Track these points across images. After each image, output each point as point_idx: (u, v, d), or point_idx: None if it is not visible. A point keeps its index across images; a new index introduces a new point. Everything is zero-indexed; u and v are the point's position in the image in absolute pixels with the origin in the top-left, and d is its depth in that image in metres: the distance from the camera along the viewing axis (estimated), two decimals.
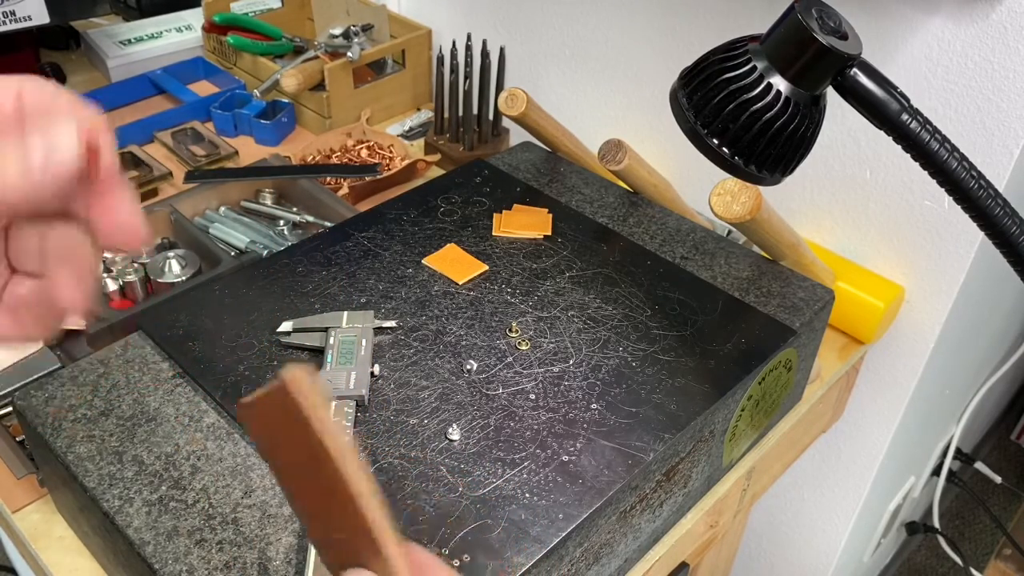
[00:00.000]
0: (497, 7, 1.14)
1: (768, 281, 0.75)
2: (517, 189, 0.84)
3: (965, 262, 0.85)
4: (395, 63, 1.21)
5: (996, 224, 0.52)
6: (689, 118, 0.56)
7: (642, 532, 0.65)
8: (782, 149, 0.55)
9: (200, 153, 1.08)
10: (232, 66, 1.23)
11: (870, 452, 1.06)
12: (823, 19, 0.51)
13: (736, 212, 0.68)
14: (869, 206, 0.89)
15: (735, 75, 0.54)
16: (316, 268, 0.73)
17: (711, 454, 0.68)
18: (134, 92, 1.19)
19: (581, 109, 1.12)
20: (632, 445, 0.59)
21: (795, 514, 1.20)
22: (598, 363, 0.65)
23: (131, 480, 0.56)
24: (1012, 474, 1.85)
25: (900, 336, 0.93)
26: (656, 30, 0.98)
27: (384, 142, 1.10)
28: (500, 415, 0.61)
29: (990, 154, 0.79)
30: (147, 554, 0.52)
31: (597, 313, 0.70)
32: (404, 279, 0.72)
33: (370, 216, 0.80)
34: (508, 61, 1.06)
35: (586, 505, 0.55)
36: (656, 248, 0.77)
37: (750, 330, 0.69)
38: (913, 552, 1.73)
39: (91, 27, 1.29)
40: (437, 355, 0.65)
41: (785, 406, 0.79)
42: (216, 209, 0.97)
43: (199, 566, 0.52)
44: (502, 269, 0.74)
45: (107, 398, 0.61)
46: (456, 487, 0.56)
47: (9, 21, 1.01)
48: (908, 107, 0.52)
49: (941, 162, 0.52)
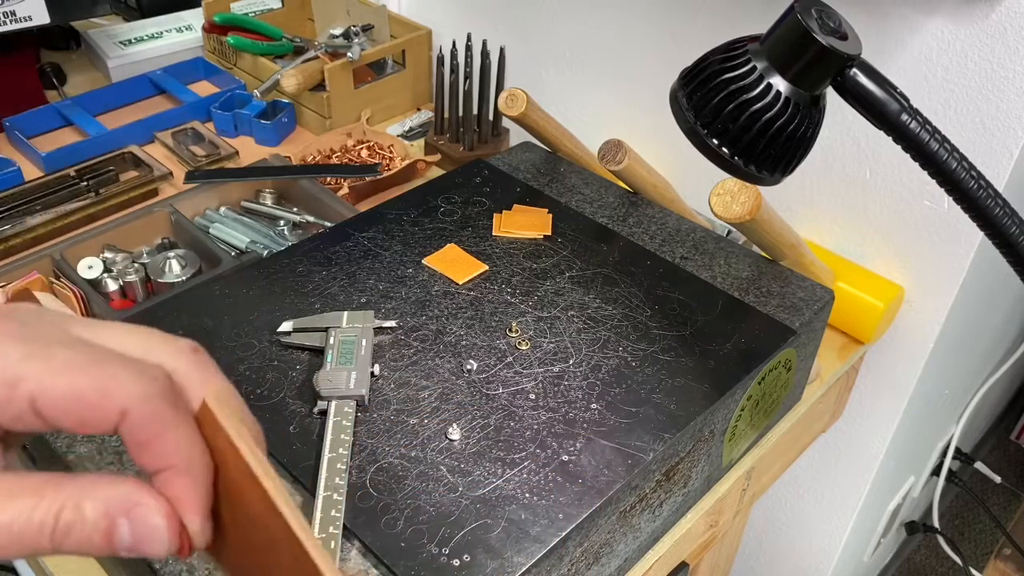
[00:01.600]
0: (497, 7, 1.14)
1: (768, 281, 0.75)
2: (517, 189, 0.84)
3: (965, 262, 0.85)
4: (395, 63, 1.21)
5: (996, 224, 0.52)
6: (689, 118, 0.56)
7: (642, 532, 0.65)
8: (782, 149, 0.55)
9: (200, 153, 1.08)
10: (232, 66, 1.23)
11: (870, 452, 1.06)
12: (823, 19, 0.51)
13: (736, 212, 0.68)
14: (869, 206, 0.89)
15: (735, 75, 0.54)
16: (316, 268, 0.73)
17: (711, 454, 0.68)
18: (134, 92, 1.19)
19: (581, 109, 1.12)
20: (632, 445, 0.59)
21: (795, 514, 1.20)
22: (598, 363, 0.65)
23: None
24: (1012, 474, 1.85)
25: (900, 336, 0.93)
26: (656, 30, 0.98)
27: (384, 142, 1.10)
28: (500, 415, 0.61)
29: (990, 154, 0.79)
30: None
31: (597, 313, 0.70)
32: (404, 279, 0.72)
33: (370, 216, 0.80)
34: (508, 61, 1.06)
35: (586, 505, 0.55)
36: (656, 248, 0.77)
37: (750, 330, 0.69)
38: (913, 552, 1.73)
39: (91, 27, 1.29)
40: (437, 355, 0.65)
41: (785, 406, 0.79)
42: (216, 209, 0.97)
43: (199, 566, 0.52)
44: (502, 269, 0.74)
45: None
46: (456, 487, 0.56)
47: (9, 21, 1.01)
48: (908, 107, 0.52)
49: (941, 162, 0.52)
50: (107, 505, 0.26)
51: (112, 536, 0.26)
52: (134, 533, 0.26)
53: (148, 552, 0.27)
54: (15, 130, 1.07)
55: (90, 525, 0.26)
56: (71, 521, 0.26)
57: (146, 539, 0.27)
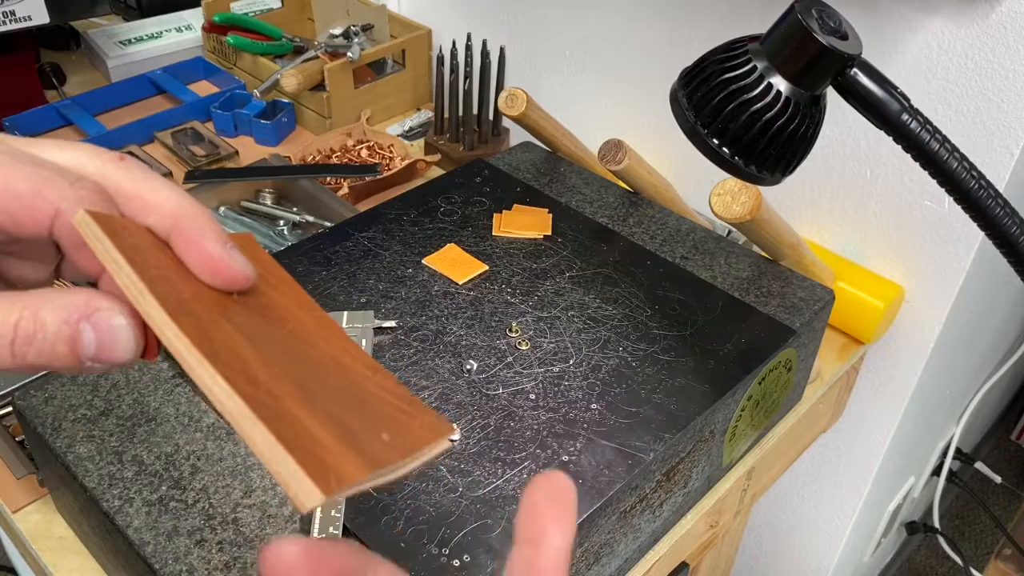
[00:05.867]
0: (497, 7, 1.14)
1: (768, 281, 0.75)
2: (517, 189, 0.84)
3: (965, 262, 0.85)
4: (395, 63, 1.21)
5: (996, 224, 0.52)
6: (689, 118, 0.56)
7: (642, 532, 0.65)
8: (782, 149, 0.55)
9: (200, 153, 1.08)
10: (232, 66, 1.23)
11: (870, 452, 1.06)
12: (823, 19, 0.51)
13: (736, 212, 0.68)
14: (869, 206, 0.89)
15: (735, 75, 0.54)
16: (316, 268, 0.73)
17: (711, 454, 0.68)
18: (134, 92, 1.19)
19: (581, 109, 1.12)
20: (632, 445, 0.59)
21: (795, 514, 1.20)
22: (598, 363, 0.65)
23: (131, 480, 0.56)
24: (1012, 474, 1.85)
25: (900, 336, 0.93)
26: (656, 30, 0.98)
27: (384, 142, 1.10)
28: (500, 415, 0.61)
29: (990, 154, 0.79)
30: (147, 554, 0.52)
31: (597, 313, 0.70)
32: (404, 279, 0.72)
33: (370, 216, 0.80)
34: (508, 61, 1.06)
35: (586, 505, 0.55)
36: (656, 248, 0.77)
37: (750, 330, 0.69)
38: (913, 552, 1.73)
39: (91, 27, 1.29)
40: (437, 355, 0.65)
41: (785, 406, 0.79)
42: (216, 209, 0.97)
43: (199, 566, 0.52)
44: (502, 269, 0.74)
45: (107, 398, 0.61)
46: (456, 487, 0.56)
47: (9, 21, 1.01)
48: (908, 107, 0.52)
49: (941, 162, 0.52)
50: (67, 312, 0.26)
51: (76, 343, 0.26)
52: (98, 338, 0.26)
53: (115, 357, 0.27)
54: (15, 130, 1.07)
55: (52, 333, 0.26)
56: (31, 331, 0.26)
57: (110, 343, 0.27)
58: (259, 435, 0.23)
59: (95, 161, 0.29)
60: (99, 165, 0.29)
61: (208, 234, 0.29)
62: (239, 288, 0.29)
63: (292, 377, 0.27)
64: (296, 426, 0.24)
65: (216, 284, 0.29)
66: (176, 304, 0.26)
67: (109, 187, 0.29)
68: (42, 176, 0.27)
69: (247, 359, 0.26)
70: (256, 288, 0.30)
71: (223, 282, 0.29)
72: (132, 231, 0.28)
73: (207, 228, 0.29)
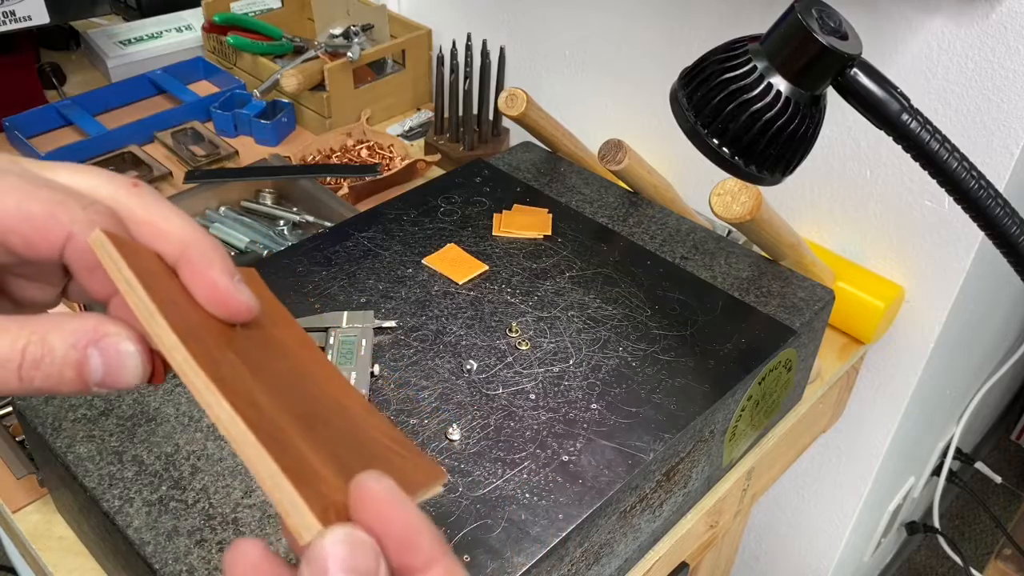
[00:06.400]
0: (497, 7, 1.14)
1: (768, 281, 0.75)
2: (517, 189, 0.84)
3: (965, 262, 0.85)
4: (395, 63, 1.21)
5: (996, 224, 0.52)
6: (689, 118, 0.56)
7: (642, 532, 0.65)
8: (782, 149, 0.55)
9: (200, 153, 1.08)
10: (232, 66, 1.23)
11: (870, 452, 1.06)
12: (823, 19, 0.51)
13: (736, 212, 0.68)
14: (869, 206, 0.89)
15: (735, 75, 0.54)
16: (316, 268, 0.73)
17: (711, 454, 0.68)
18: (134, 92, 1.19)
19: (581, 109, 1.12)
20: (632, 445, 0.59)
21: (795, 514, 1.20)
22: (598, 363, 0.65)
23: (131, 480, 0.56)
24: (1012, 474, 1.85)
25: (900, 336, 0.93)
26: (656, 30, 0.98)
27: (384, 142, 1.10)
28: (500, 415, 0.61)
29: (990, 154, 0.79)
30: (147, 554, 0.52)
31: (597, 313, 0.70)
32: (404, 279, 0.72)
33: (370, 216, 0.80)
34: (508, 61, 1.06)
35: (586, 505, 0.55)
36: (656, 248, 0.77)
37: (750, 330, 0.69)
38: (913, 552, 1.73)
39: (91, 27, 1.29)
40: (437, 355, 0.65)
41: (785, 406, 0.79)
42: (216, 209, 0.97)
43: (199, 566, 0.52)
44: (502, 269, 0.74)
45: (107, 398, 0.61)
46: (456, 487, 0.56)
47: (9, 21, 1.01)
48: (908, 107, 0.52)
49: (941, 162, 0.52)
50: (75, 336, 0.26)
51: (84, 368, 0.26)
52: (106, 363, 0.26)
53: (122, 382, 0.27)
54: (15, 130, 1.07)
55: (59, 358, 0.26)
56: (38, 355, 0.26)
57: (118, 368, 0.27)
58: (263, 463, 0.24)
59: (108, 186, 0.29)
60: (112, 190, 0.29)
61: (216, 264, 0.29)
62: (242, 320, 0.29)
63: (293, 410, 0.27)
64: (299, 457, 0.25)
65: (220, 314, 0.29)
66: (185, 329, 0.26)
67: (121, 212, 0.29)
68: (56, 199, 0.27)
69: (251, 388, 0.26)
70: (258, 322, 0.30)
71: (227, 313, 0.29)
72: (144, 255, 0.28)
73: (215, 258, 0.29)
